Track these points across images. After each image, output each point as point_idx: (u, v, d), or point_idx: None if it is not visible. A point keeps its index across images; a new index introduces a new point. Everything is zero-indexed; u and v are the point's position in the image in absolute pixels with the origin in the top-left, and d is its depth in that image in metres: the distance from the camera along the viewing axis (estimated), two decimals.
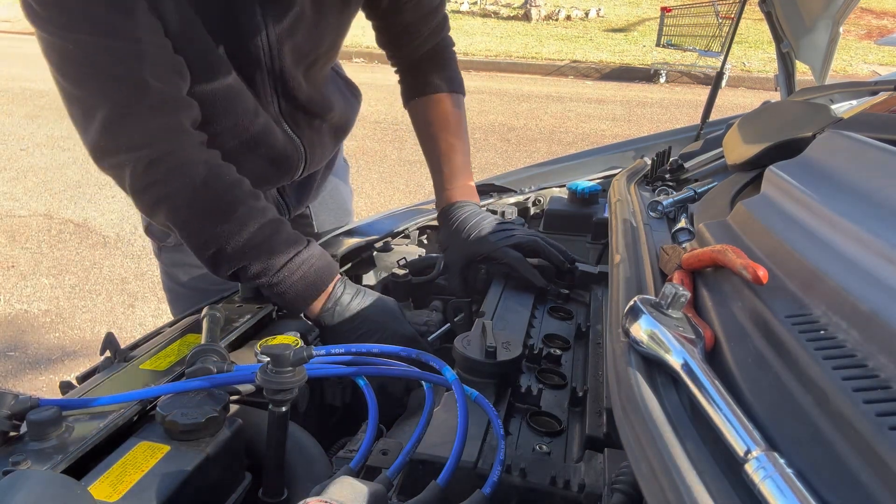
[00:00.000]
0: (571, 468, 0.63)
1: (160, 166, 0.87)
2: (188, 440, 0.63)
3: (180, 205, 0.90)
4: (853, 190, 0.57)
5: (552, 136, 6.20)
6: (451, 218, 1.16)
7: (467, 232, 1.11)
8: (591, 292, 1.07)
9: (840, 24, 1.80)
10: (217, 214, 0.90)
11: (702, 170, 1.19)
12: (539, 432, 0.72)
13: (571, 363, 0.87)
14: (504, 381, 0.77)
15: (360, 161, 5.33)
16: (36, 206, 4.41)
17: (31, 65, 8.50)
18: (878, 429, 0.34)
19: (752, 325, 0.51)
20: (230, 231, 0.90)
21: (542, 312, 1.00)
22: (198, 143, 0.92)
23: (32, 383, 2.68)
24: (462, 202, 1.18)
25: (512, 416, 0.74)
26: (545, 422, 0.74)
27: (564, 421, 0.74)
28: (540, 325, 0.96)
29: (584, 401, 0.77)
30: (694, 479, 0.37)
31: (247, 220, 0.91)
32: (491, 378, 0.76)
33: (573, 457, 0.68)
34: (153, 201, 0.90)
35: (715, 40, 7.75)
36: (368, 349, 0.74)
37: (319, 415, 0.92)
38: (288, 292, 0.93)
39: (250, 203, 0.92)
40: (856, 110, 1.02)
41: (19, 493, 0.47)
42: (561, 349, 0.88)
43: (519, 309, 0.97)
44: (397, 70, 1.28)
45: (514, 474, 0.61)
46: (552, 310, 1.01)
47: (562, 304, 1.04)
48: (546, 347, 0.87)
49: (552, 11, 12.80)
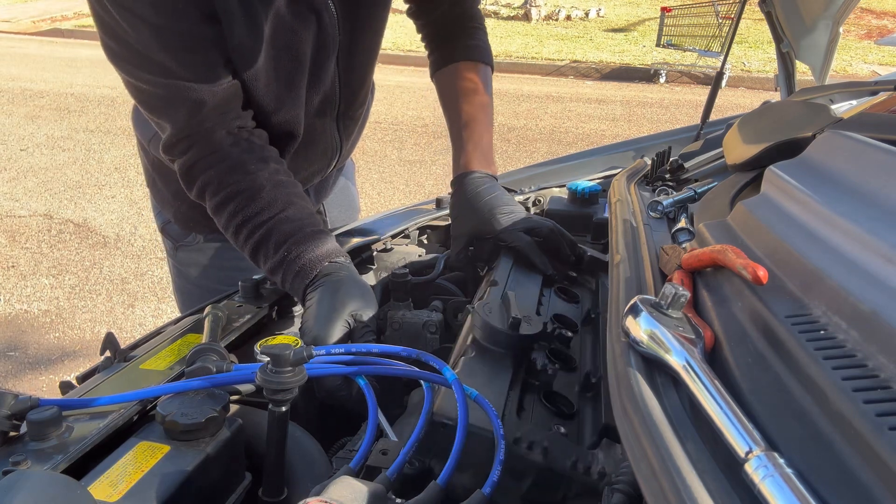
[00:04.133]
0: (590, 454, 0.63)
1: (198, 166, 0.98)
2: (188, 440, 0.63)
3: (213, 192, 0.98)
4: (853, 190, 0.57)
5: (552, 136, 6.19)
6: (465, 187, 1.13)
7: (481, 206, 1.08)
8: (598, 279, 1.07)
9: (840, 24, 1.80)
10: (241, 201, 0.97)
11: (702, 170, 1.19)
12: (552, 412, 0.72)
13: (580, 347, 0.87)
14: (521, 354, 0.77)
15: (360, 161, 5.33)
16: (36, 206, 4.41)
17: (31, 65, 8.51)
18: (878, 429, 0.34)
19: (752, 325, 0.51)
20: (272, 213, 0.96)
21: (549, 292, 1.00)
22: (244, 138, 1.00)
23: (32, 383, 2.68)
24: (480, 173, 1.15)
25: (526, 392, 0.74)
26: (557, 403, 0.74)
27: (576, 405, 0.74)
28: (548, 303, 0.96)
29: (597, 387, 0.76)
30: (694, 479, 0.37)
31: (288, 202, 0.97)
32: (509, 349, 0.76)
33: (586, 443, 0.68)
34: (197, 193, 1.00)
35: (715, 40, 7.74)
36: (368, 349, 0.74)
37: (319, 415, 0.92)
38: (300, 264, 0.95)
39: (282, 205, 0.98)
40: (856, 110, 1.02)
41: (19, 493, 0.47)
42: (570, 331, 0.88)
43: (529, 285, 0.98)
44: (426, 43, 1.29)
45: (536, 451, 0.61)
46: (559, 290, 1.01)
47: (568, 286, 1.04)
48: (557, 328, 0.87)
49: (552, 11, 12.80)
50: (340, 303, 0.86)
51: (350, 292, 0.88)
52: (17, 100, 7.12)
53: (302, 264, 0.92)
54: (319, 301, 0.87)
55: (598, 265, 1.09)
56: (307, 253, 0.93)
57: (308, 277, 0.92)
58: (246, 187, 0.97)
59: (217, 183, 0.98)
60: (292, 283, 0.93)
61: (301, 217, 0.97)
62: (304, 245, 0.93)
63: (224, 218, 0.98)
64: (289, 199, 0.98)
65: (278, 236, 0.94)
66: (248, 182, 0.97)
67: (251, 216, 0.96)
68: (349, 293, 0.88)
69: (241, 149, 0.99)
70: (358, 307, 0.86)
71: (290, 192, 0.99)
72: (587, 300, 1.02)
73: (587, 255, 1.09)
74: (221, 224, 1.00)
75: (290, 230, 0.95)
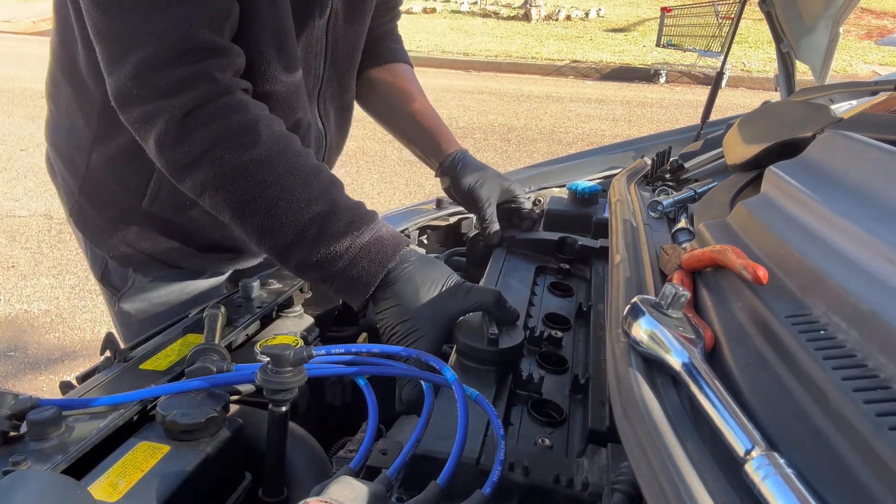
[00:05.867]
0: (574, 464, 0.63)
1: (200, 114, 0.78)
2: (188, 440, 0.63)
3: (224, 155, 0.79)
4: (853, 190, 0.57)
5: (552, 136, 6.19)
6: (471, 159, 1.18)
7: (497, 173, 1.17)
8: (591, 267, 1.07)
9: (840, 24, 1.80)
10: (270, 166, 0.80)
11: (702, 170, 1.19)
12: (541, 422, 0.72)
13: (572, 345, 0.87)
14: (505, 368, 0.77)
15: (360, 161, 5.33)
16: (36, 206, 4.41)
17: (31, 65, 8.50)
18: (878, 429, 0.34)
19: (752, 325, 0.51)
20: (290, 187, 0.80)
21: (541, 287, 1.00)
22: (241, 91, 0.84)
23: (32, 383, 2.68)
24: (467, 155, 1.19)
25: (513, 405, 0.74)
26: (547, 412, 0.74)
27: (566, 409, 0.74)
28: (540, 302, 0.96)
29: (586, 388, 0.77)
30: (694, 479, 0.37)
31: (308, 173, 0.82)
32: (493, 365, 0.76)
33: (575, 450, 0.68)
34: (192, 156, 0.79)
35: (715, 40, 7.74)
36: (368, 349, 0.74)
37: (319, 415, 0.92)
38: (359, 255, 0.82)
39: (307, 155, 0.85)
40: (856, 110, 1.01)
41: (19, 493, 0.47)
42: (562, 330, 0.88)
43: (519, 286, 0.98)
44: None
45: (517, 471, 0.61)
46: (552, 286, 1.01)
47: (562, 279, 1.04)
48: (547, 329, 0.87)
49: (552, 11, 12.80)
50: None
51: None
52: (17, 100, 7.12)
53: (380, 247, 0.82)
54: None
55: (591, 253, 1.09)
56: (383, 232, 0.83)
57: (390, 261, 0.82)
58: (283, 151, 0.81)
59: (234, 138, 0.79)
60: (361, 272, 0.82)
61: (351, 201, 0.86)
62: (373, 225, 0.83)
63: (240, 189, 0.80)
64: (333, 178, 0.86)
65: (341, 214, 0.82)
66: (285, 146, 0.82)
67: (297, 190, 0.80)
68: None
69: (259, 106, 0.85)
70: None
71: (328, 173, 0.86)
72: (582, 291, 1.03)
73: (578, 245, 1.10)
74: (226, 201, 0.81)
75: (355, 206, 0.84)
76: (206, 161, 0.80)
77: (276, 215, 0.81)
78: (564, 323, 0.92)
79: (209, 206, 0.84)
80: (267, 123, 0.83)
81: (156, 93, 0.77)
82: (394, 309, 0.82)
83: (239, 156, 0.80)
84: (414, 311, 0.81)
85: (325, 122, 1.12)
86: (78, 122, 1.01)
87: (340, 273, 0.83)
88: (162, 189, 1.01)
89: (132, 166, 0.99)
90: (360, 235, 0.83)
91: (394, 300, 0.82)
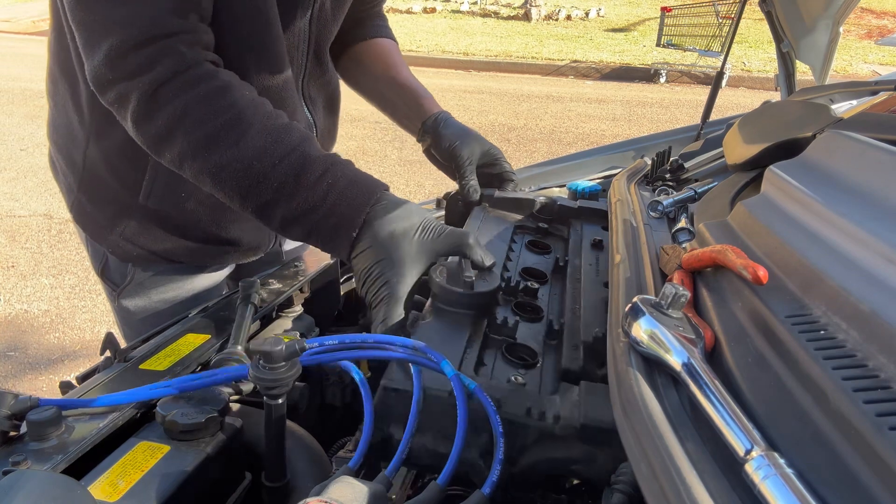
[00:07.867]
0: (547, 400, 0.63)
1: (169, 87, 0.80)
2: (188, 440, 0.63)
3: (196, 122, 0.81)
4: (853, 190, 0.57)
5: (552, 136, 6.19)
6: (452, 120, 1.19)
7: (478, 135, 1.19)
8: (569, 226, 1.09)
9: (840, 24, 1.80)
10: (242, 127, 0.82)
11: (702, 170, 1.19)
12: (514, 364, 0.72)
13: (548, 297, 0.88)
14: (481, 312, 0.78)
15: (361, 161, 5.33)
16: (36, 206, 4.41)
17: (31, 65, 8.50)
18: (878, 429, 0.34)
19: (752, 325, 0.51)
20: (262, 146, 0.82)
21: (519, 245, 1.01)
22: (209, 63, 0.85)
23: (32, 383, 2.68)
24: (449, 116, 1.20)
25: (487, 348, 0.75)
26: (520, 355, 0.74)
27: (540, 353, 0.75)
28: (518, 258, 0.97)
29: (560, 334, 0.77)
30: (694, 479, 0.37)
31: (279, 131, 0.83)
32: (469, 309, 0.77)
33: (548, 389, 0.68)
34: (166, 127, 0.81)
35: (715, 40, 7.74)
36: (363, 339, 0.73)
37: (319, 415, 0.92)
38: (338, 201, 0.83)
39: (278, 115, 0.86)
40: (856, 110, 1.02)
41: (19, 493, 0.47)
42: (538, 282, 0.89)
43: (497, 242, 0.99)
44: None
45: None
46: (530, 243, 1.02)
47: (540, 238, 1.06)
48: (523, 281, 0.88)
49: (552, 11, 12.79)
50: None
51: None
52: (17, 100, 7.12)
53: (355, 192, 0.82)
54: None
55: (570, 212, 1.11)
56: (358, 177, 0.84)
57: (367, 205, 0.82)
58: (254, 113, 0.82)
59: (203, 106, 0.81)
60: (340, 218, 0.82)
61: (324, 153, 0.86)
62: (350, 171, 0.85)
63: (214, 155, 0.82)
64: (304, 133, 0.86)
65: (315, 164, 0.83)
66: (255, 109, 0.83)
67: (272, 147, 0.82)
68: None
69: (229, 74, 0.86)
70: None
71: (301, 128, 0.86)
72: (559, 250, 1.04)
73: (557, 205, 1.11)
74: (204, 167, 0.83)
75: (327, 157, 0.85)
76: (180, 131, 0.81)
77: (251, 175, 0.82)
78: (541, 276, 0.93)
79: (190, 176, 0.85)
80: (237, 88, 0.84)
81: (127, 74, 0.80)
82: (369, 251, 0.82)
83: (210, 122, 0.81)
84: (389, 252, 0.80)
85: (313, 110, 1.13)
86: (73, 117, 1.02)
87: (322, 223, 0.83)
88: (157, 183, 1.01)
89: (127, 161, 1.00)
90: (336, 183, 0.83)
91: (369, 241, 0.82)
